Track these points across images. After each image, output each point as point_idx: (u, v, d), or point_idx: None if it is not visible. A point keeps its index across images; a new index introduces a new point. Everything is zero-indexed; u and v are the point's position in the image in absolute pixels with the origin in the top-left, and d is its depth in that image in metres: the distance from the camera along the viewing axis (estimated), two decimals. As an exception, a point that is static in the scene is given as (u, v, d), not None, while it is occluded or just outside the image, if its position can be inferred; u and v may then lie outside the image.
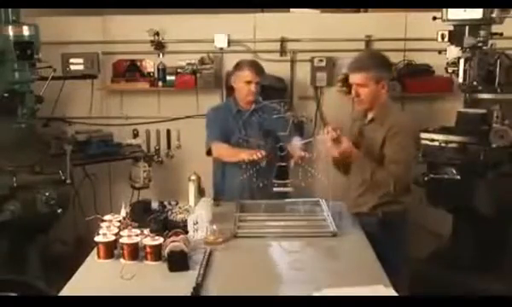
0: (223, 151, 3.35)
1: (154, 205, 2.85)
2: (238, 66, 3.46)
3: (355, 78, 2.81)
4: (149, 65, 4.55)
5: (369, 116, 2.88)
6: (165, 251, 2.25)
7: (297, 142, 3.01)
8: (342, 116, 4.10)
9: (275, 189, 2.89)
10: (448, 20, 3.50)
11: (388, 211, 2.81)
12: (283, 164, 2.86)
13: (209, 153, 3.44)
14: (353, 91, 2.83)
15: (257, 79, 3.37)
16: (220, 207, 3.01)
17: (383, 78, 2.81)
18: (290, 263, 2.35)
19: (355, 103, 2.90)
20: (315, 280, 2.13)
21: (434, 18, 3.52)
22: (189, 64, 4.44)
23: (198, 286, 2.04)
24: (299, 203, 2.99)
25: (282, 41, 4.53)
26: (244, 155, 3.11)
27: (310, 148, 2.98)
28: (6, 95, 3.43)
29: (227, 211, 2.94)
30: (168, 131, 4.64)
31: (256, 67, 3.41)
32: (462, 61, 3.48)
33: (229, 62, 4.48)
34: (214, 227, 2.56)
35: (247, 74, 3.37)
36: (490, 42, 3.49)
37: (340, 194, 2.99)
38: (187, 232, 2.50)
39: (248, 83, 3.36)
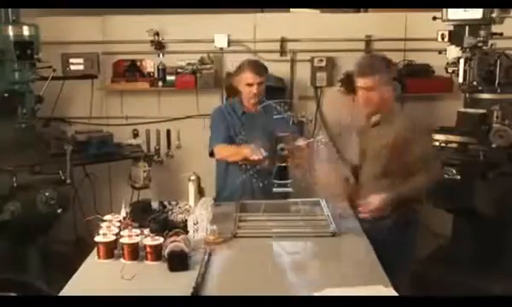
0: (225, 151, 3.32)
1: (154, 205, 2.85)
2: (240, 69, 3.39)
3: (364, 82, 2.77)
4: (149, 65, 4.55)
5: (374, 119, 2.85)
6: (166, 251, 2.25)
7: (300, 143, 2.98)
8: (342, 116, 4.12)
9: (275, 190, 2.89)
10: (448, 20, 3.50)
11: (402, 214, 2.79)
12: (284, 164, 2.86)
13: (212, 154, 3.43)
14: (362, 95, 2.79)
15: (258, 80, 3.31)
16: (220, 207, 3.00)
17: (390, 80, 2.80)
18: (290, 263, 2.35)
19: (363, 106, 2.85)
20: (315, 280, 2.13)
21: (434, 18, 3.52)
22: (189, 64, 4.44)
23: (198, 286, 2.04)
24: (299, 203, 2.98)
25: (282, 41, 4.53)
26: (246, 151, 3.07)
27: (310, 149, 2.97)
28: (6, 95, 3.43)
29: (227, 211, 2.94)
30: (168, 131, 4.64)
31: (257, 69, 3.34)
32: (462, 61, 3.48)
33: (230, 62, 4.50)
34: (214, 227, 2.56)
35: (247, 76, 3.30)
36: (490, 42, 3.49)
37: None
38: (187, 232, 2.50)
39: (250, 85, 3.31)
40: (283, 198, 3.03)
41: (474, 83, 3.46)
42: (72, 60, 4.27)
